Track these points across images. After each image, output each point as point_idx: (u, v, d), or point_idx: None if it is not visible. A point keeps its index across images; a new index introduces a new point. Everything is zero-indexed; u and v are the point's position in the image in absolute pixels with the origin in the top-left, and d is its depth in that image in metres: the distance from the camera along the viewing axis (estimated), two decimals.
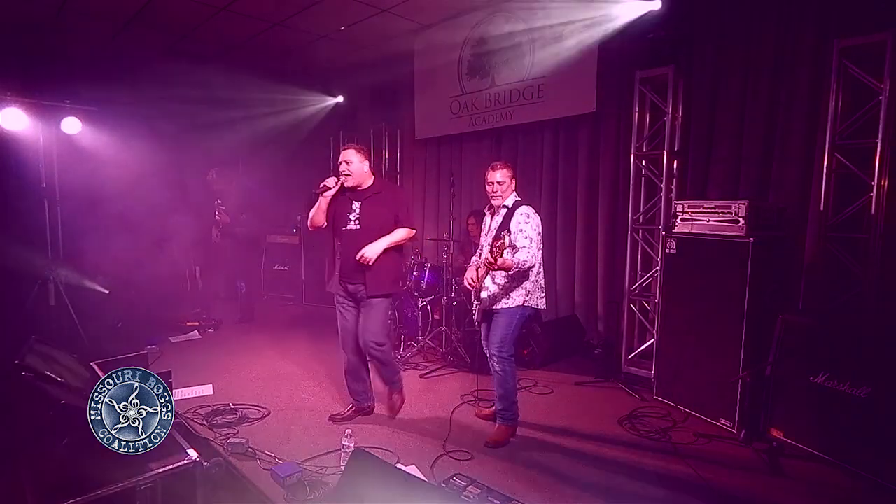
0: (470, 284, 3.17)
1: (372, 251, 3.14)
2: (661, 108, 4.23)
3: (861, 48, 3.18)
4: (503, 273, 3.05)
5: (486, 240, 3.28)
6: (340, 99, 7.41)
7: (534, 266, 3.06)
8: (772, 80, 3.77)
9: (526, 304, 3.12)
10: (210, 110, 6.62)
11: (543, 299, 3.22)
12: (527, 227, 3.03)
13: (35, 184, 5.06)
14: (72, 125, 5.16)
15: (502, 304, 3.13)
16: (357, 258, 3.14)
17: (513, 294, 3.11)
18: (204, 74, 6.27)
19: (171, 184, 5.99)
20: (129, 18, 5.38)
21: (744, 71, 3.91)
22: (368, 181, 3.32)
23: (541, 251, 3.13)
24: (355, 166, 3.24)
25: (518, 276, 3.08)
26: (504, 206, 3.18)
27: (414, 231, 3.35)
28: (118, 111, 5.69)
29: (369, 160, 3.39)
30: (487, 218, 3.35)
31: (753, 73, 3.87)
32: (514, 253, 2.98)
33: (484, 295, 3.17)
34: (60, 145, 5.23)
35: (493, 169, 3.20)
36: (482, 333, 3.37)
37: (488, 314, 3.24)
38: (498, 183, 3.17)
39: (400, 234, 3.27)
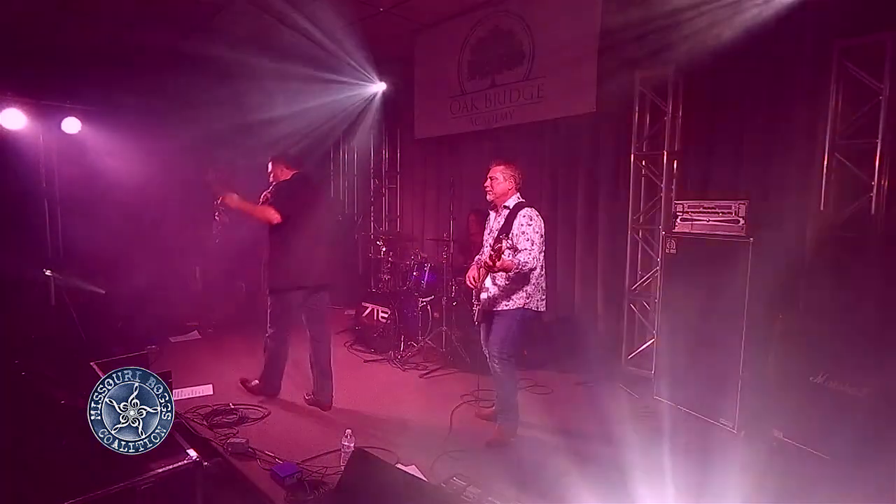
0: (471, 283, 3.18)
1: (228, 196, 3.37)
2: (661, 108, 4.23)
3: (861, 48, 3.18)
4: (504, 274, 3.05)
5: (488, 239, 3.28)
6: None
7: (535, 268, 3.06)
8: (772, 80, 3.77)
9: (526, 307, 3.11)
10: (210, 110, 6.61)
11: (544, 302, 3.21)
12: (528, 230, 3.03)
13: (35, 184, 5.07)
14: (72, 125, 5.17)
15: (502, 306, 3.13)
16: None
17: (513, 296, 3.10)
18: (204, 74, 6.27)
19: (171, 183, 5.99)
20: (129, 18, 5.39)
21: (744, 71, 3.91)
22: None
23: (542, 254, 3.13)
24: (271, 170, 3.63)
25: (519, 278, 3.08)
26: (506, 207, 3.18)
27: (270, 213, 3.31)
28: (118, 111, 5.69)
29: (288, 163, 3.62)
30: (492, 216, 3.35)
31: (754, 73, 3.87)
32: (516, 255, 2.98)
33: (484, 296, 3.17)
34: (60, 145, 5.23)
35: (490, 165, 3.25)
36: (482, 334, 3.37)
37: (488, 315, 3.24)
38: (491, 178, 3.20)
39: (256, 208, 3.39)
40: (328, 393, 3.67)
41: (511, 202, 3.18)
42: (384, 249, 5.66)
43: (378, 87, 7.00)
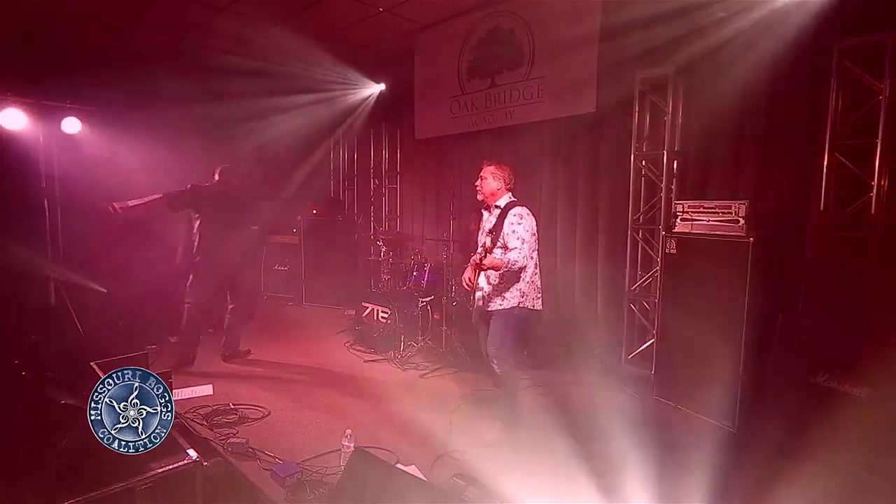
0: (466, 285, 3.18)
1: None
2: (661, 108, 4.23)
3: (861, 48, 3.18)
4: (496, 273, 3.06)
5: (481, 238, 3.29)
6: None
7: (526, 267, 3.06)
8: (772, 80, 3.77)
9: (521, 306, 3.11)
10: (210, 110, 6.61)
11: (539, 300, 3.21)
12: (519, 228, 3.04)
13: (35, 184, 5.06)
14: (72, 125, 5.17)
15: (497, 306, 3.13)
16: None
17: (507, 295, 3.11)
18: (204, 75, 6.27)
19: (171, 183, 5.97)
20: (129, 18, 5.38)
21: (744, 71, 3.91)
22: None
23: (535, 252, 3.14)
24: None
25: (511, 277, 3.08)
26: (497, 206, 3.19)
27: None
28: (118, 111, 5.69)
29: None
30: (485, 216, 3.35)
31: (753, 73, 3.86)
32: (506, 253, 2.98)
33: (478, 295, 3.18)
34: (60, 145, 5.23)
35: (482, 165, 3.26)
36: (479, 335, 3.37)
37: (485, 315, 3.24)
38: (481, 178, 3.22)
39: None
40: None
41: (502, 202, 3.19)
42: (384, 249, 5.65)
43: (377, 88, 7.02)
